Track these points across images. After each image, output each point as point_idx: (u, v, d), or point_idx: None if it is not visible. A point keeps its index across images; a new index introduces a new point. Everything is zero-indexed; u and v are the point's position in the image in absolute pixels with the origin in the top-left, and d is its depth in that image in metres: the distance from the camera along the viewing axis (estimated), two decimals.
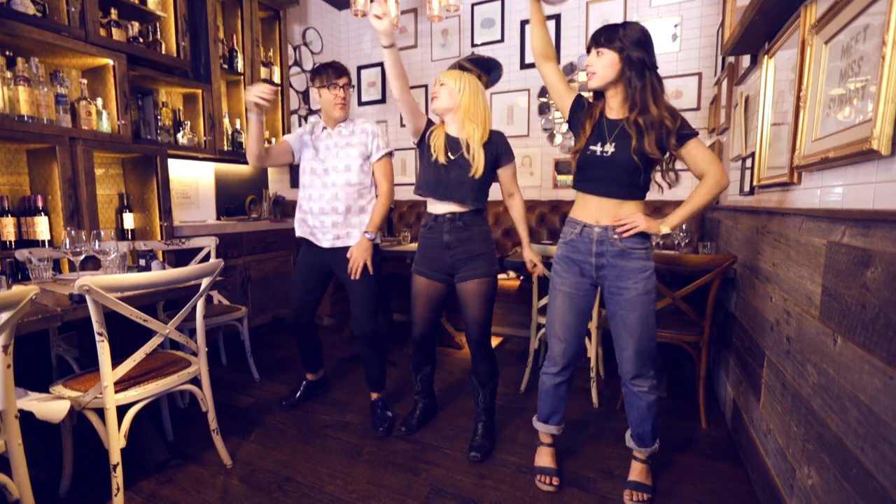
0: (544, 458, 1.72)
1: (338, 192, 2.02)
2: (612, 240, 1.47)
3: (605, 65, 1.40)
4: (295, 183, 4.13)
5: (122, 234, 2.65)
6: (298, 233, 2.15)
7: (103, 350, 1.37)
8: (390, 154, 2.10)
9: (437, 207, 1.82)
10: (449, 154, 1.77)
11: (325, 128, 2.08)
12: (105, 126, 2.43)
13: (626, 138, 1.42)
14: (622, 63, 1.38)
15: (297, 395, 2.34)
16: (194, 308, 1.65)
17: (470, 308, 1.83)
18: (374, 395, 2.18)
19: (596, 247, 1.49)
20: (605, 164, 1.45)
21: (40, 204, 2.17)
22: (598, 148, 1.46)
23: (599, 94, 1.51)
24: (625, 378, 1.56)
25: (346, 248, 2.05)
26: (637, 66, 1.37)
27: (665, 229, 1.43)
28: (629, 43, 1.36)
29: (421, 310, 1.90)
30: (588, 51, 1.46)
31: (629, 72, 1.38)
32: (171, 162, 2.91)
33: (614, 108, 1.48)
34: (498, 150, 1.80)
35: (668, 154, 1.45)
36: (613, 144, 1.44)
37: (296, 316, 2.19)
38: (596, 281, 1.55)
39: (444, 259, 1.82)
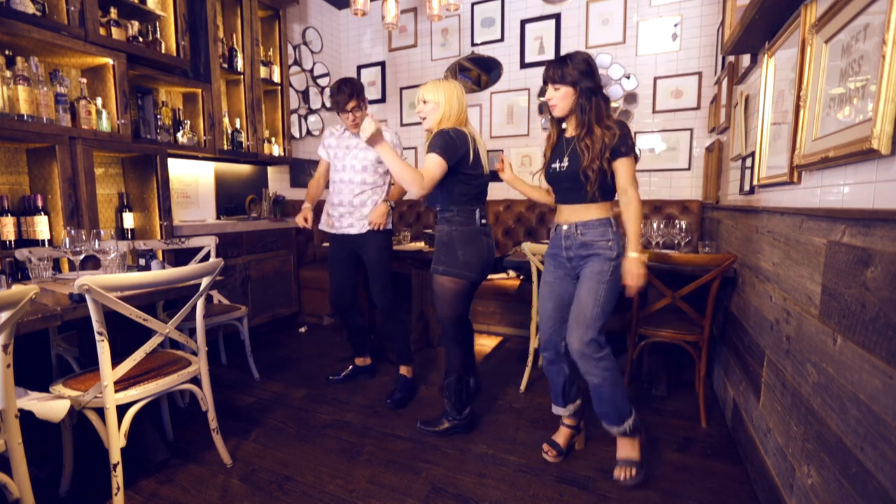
0: (558, 435, 1.90)
1: (354, 189, 2.28)
2: (576, 234, 1.69)
3: (562, 97, 1.63)
4: (294, 183, 4.13)
5: (121, 233, 2.64)
6: (320, 226, 2.45)
7: (103, 349, 1.37)
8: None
9: None
10: None
11: (346, 129, 2.34)
12: (105, 125, 2.42)
13: (578, 154, 1.63)
14: (576, 94, 1.61)
15: (342, 374, 2.57)
16: (194, 307, 1.65)
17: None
18: (401, 370, 2.35)
19: (565, 241, 1.72)
20: (564, 177, 1.68)
21: (40, 203, 2.17)
22: (557, 165, 1.71)
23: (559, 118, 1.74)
24: (572, 355, 1.65)
25: (366, 234, 2.30)
26: (587, 93, 1.59)
27: (634, 254, 1.57)
28: (578, 74, 1.58)
29: None
30: (544, 82, 1.66)
31: (581, 99, 1.61)
32: (170, 161, 2.91)
33: (570, 128, 1.71)
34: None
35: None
36: (568, 160, 1.66)
37: (335, 296, 2.44)
38: (572, 271, 1.74)
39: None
